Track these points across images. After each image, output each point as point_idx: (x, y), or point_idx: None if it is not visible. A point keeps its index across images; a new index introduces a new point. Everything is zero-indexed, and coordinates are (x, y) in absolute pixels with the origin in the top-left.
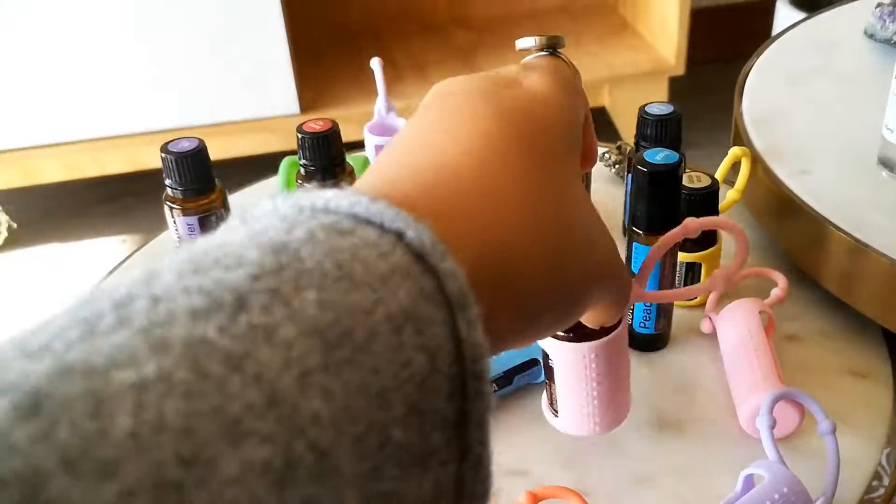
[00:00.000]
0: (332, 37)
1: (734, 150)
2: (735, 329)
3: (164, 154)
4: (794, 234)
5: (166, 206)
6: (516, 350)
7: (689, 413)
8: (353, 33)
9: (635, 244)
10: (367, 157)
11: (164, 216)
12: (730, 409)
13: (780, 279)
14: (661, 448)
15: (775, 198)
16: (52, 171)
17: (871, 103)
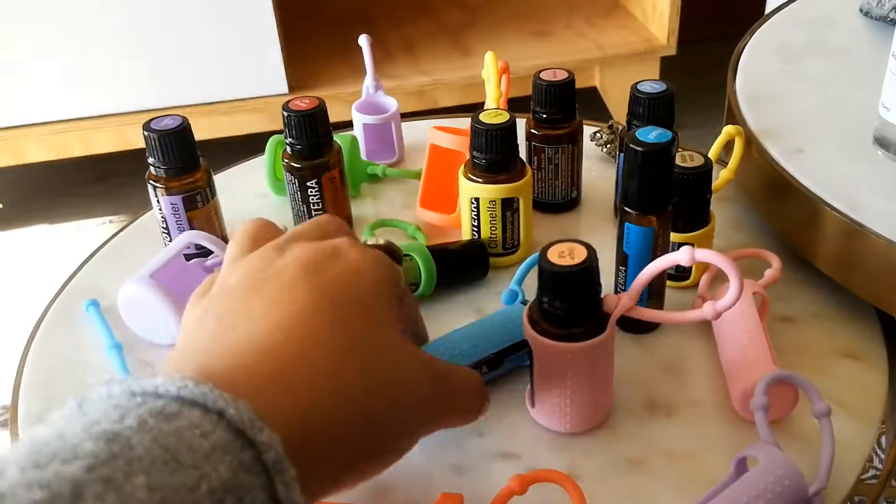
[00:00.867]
0: (321, 16)
1: (728, 129)
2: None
3: (146, 132)
4: (787, 214)
5: (150, 185)
6: (507, 331)
7: (680, 395)
8: (342, 12)
9: (627, 224)
10: (354, 136)
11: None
12: (722, 392)
13: (773, 260)
14: (652, 430)
15: (769, 177)
16: (38, 151)
17: (867, 81)
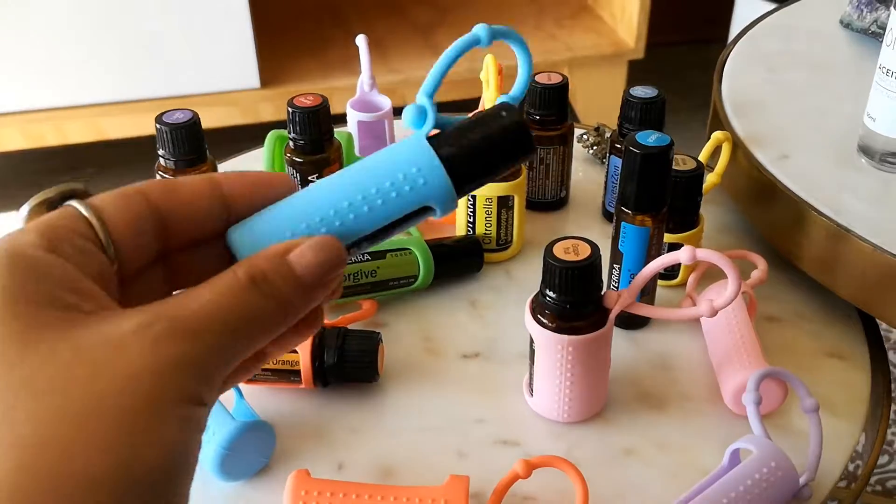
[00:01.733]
0: (294, 13)
1: (716, 135)
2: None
3: (158, 125)
4: (773, 217)
5: (158, 175)
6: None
7: (671, 389)
8: (314, 9)
9: (623, 223)
10: (349, 133)
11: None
12: (712, 387)
13: (759, 261)
14: (645, 422)
15: (755, 182)
16: (12, 140)
17: (849, 92)
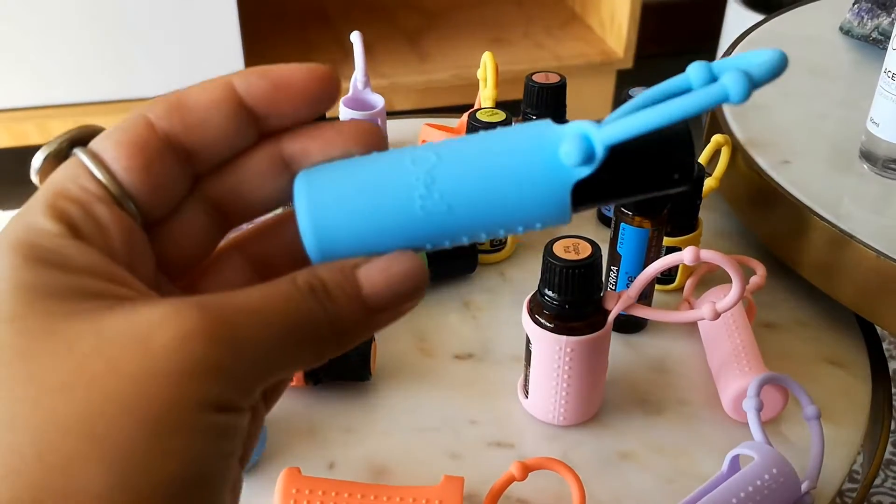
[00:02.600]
0: (281, 15)
1: (716, 138)
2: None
3: None
4: (773, 223)
5: None
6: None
7: (668, 394)
8: (302, 12)
9: (623, 224)
10: None
11: None
12: (710, 392)
13: (758, 267)
14: (642, 427)
15: (755, 187)
16: None
17: (850, 99)
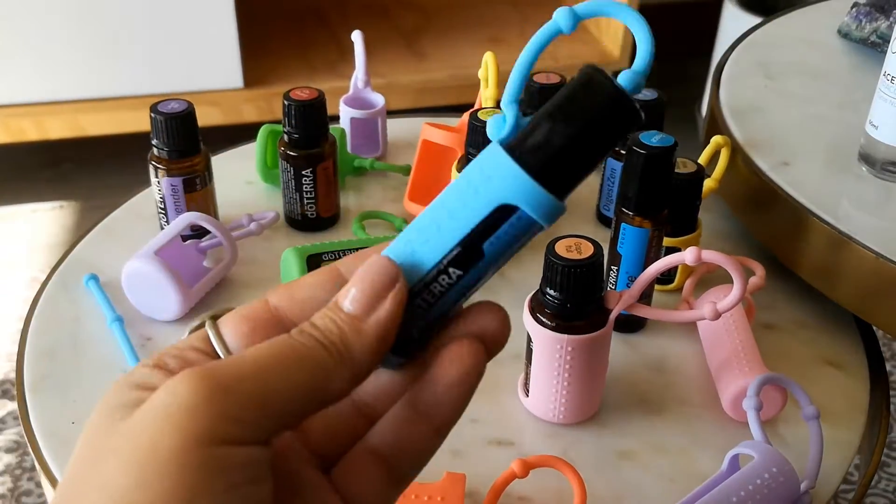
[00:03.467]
0: (278, 14)
1: (716, 139)
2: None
3: (153, 114)
4: (772, 224)
5: (151, 165)
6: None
7: (668, 393)
8: (299, 12)
9: (623, 224)
10: (343, 129)
11: (105, 181)
12: (709, 392)
13: (757, 268)
14: (641, 426)
15: (754, 188)
16: None
17: (849, 101)
